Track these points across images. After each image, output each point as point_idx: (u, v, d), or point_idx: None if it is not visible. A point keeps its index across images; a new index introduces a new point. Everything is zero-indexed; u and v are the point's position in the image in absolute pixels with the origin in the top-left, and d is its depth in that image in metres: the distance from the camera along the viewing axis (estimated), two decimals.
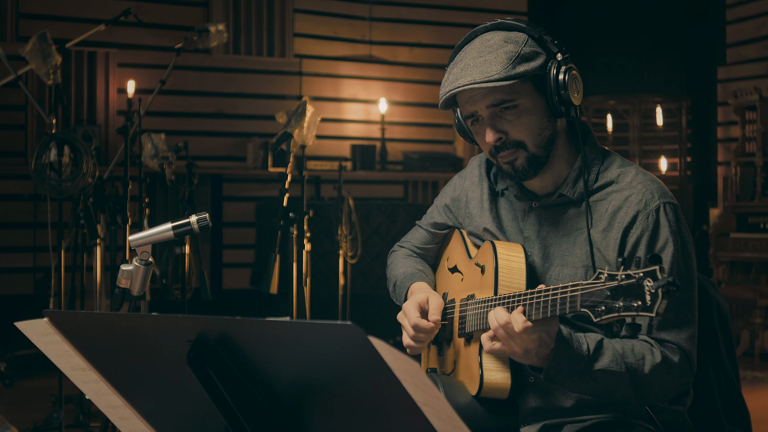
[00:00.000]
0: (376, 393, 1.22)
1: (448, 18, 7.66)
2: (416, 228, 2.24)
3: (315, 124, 4.39)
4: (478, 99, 1.81)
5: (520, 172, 1.84)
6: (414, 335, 1.95)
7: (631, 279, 1.46)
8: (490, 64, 1.77)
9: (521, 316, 1.63)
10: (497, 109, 1.81)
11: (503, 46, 1.80)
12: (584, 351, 1.70)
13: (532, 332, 1.63)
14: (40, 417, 4.16)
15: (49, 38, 4.06)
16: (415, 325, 1.93)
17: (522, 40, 1.81)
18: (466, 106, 1.85)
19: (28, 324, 1.40)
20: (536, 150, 1.83)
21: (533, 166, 1.84)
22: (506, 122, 1.81)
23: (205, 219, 1.76)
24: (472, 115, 1.85)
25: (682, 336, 1.77)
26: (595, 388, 1.73)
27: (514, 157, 1.83)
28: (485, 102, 1.81)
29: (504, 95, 1.79)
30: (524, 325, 1.62)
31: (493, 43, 1.81)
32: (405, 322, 1.98)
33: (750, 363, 6.00)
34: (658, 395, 1.77)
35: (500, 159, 1.85)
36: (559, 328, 1.67)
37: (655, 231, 1.79)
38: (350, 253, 5.73)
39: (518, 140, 1.82)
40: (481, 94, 1.80)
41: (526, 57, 1.79)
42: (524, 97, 1.81)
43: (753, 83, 6.68)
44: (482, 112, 1.83)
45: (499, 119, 1.82)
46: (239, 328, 1.27)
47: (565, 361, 1.68)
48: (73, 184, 3.99)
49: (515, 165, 1.84)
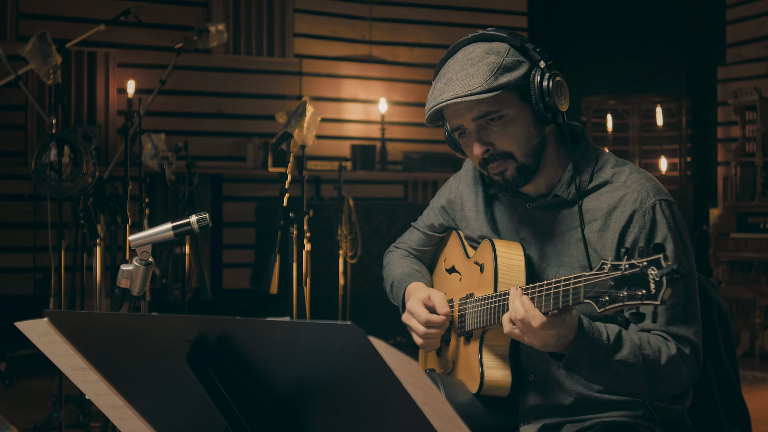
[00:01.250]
0: (376, 393, 1.22)
1: (448, 18, 7.66)
2: (412, 229, 2.23)
3: (315, 124, 4.39)
4: (463, 112, 1.82)
5: (511, 182, 1.85)
6: (425, 332, 1.95)
7: (635, 268, 1.46)
8: (473, 77, 1.77)
9: (537, 312, 1.63)
10: (483, 121, 1.81)
11: (485, 57, 1.79)
12: (604, 341, 1.70)
13: (551, 328, 1.63)
14: (40, 417, 4.16)
15: (49, 38, 4.06)
16: (427, 321, 1.94)
17: (504, 50, 1.81)
18: (452, 120, 1.86)
19: (28, 324, 1.40)
20: (525, 159, 1.83)
21: (523, 176, 1.84)
22: (492, 134, 1.82)
23: (205, 219, 1.76)
24: (459, 128, 1.85)
25: (691, 330, 1.78)
26: (611, 378, 1.73)
27: (504, 167, 1.83)
28: (470, 115, 1.81)
29: (489, 107, 1.80)
30: (541, 321, 1.62)
31: (474, 55, 1.81)
32: (413, 321, 1.97)
33: (750, 363, 6.00)
34: (670, 389, 1.78)
35: (490, 170, 1.86)
36: (580, 319, 1.67)
37: (652, 228, 1.79)
38: (350, 253, 5.73)
39: (506, 151, 1.82)
40: (465, 108, 1.81)
41: (508, 67, 1.79)
42: (509, 107, 1.81)
43: (753, 83, 6.68)
44: (468, 125, 1.83)
45: (485, 131, 1.82)
46: (239, 328, 1.27)
47: (586, 351, 1.68)
48: (73, 184, 3.99)
49: (505, 176, 1.84)
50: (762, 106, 6.43)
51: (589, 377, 1.75)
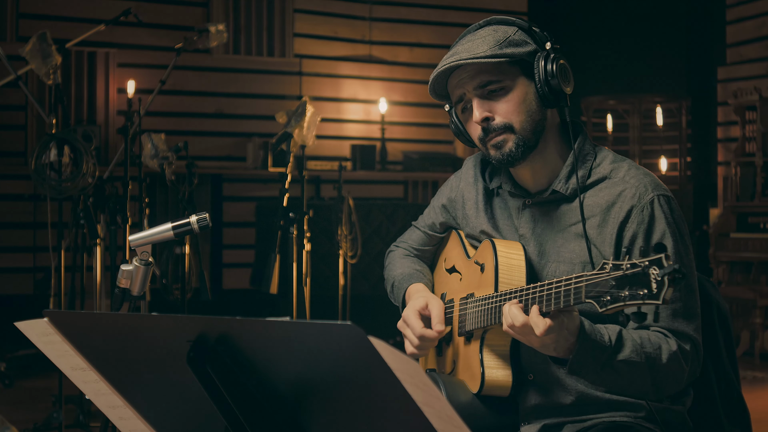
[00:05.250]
0: (376, 393, 1.22)
1: (448, 18, 7.67)
2: (413, 229, 2.23)
3: (315, 124, 4.39)
4: (466, 81, 1.84)
5: (508, 155, 1.84)
6: (419, 344, 1.95)
7: (637, 268, 1.46)
8: (478, 45, 1.82)
9: (541, 319, 1.61)
10: (485, 91, 1.83)
11: (493, 33, 1.84)
12: (606, 342, 1.69)
13: (551, 332, 1.62)
14: (40, 417, 4.16)
15: (49, 38, 4.06)
16: (421, 336, 1.93)
17: (512, 30, 1.86)
18: (455, 91, 1.88)
19: (28, 324, 1.40)
20: (524, 133, 1.83)
21: (522, 150, 1.83)
22: (493, 104, 1.83)
23: (205, 219, 1.76)
24: (461, 98, 1.87)
25: (691, 326, 1.78)
26: (615, 379, 1.73)
27: (502, 139, 1.84)
28: (472, 84, 1.83)
29: (491, 76, 1.82)
30: (545, 327, 1.60)
31: (483, 32, 1.86)
32: (408, 332, 1.97)
33: (750, 363, 6.00)
34: (672, 385, 1.77)
35: (488, 144, 1.86)
36: (581, 322, 1.67)
37: (650, 224, 1.79)
38: (350, 253, 5.73)
39: (505, 122, 1.83)
40: (468, 76, 1.83)
41: (514, 42, 1.83)
42: (511, 80, 1.83)
43: (753, 83, 6.68)
44: (470, 95, 1.85)
45: (485, 102, 1.84)
46: (239, 328, 1.27)
47: (589, 354, 1.67)
48: (73, 184, 3.99)
49: (503, 149, 1.84)
50: (762, 106, 6.43)
51: (595, 380, 1.75)
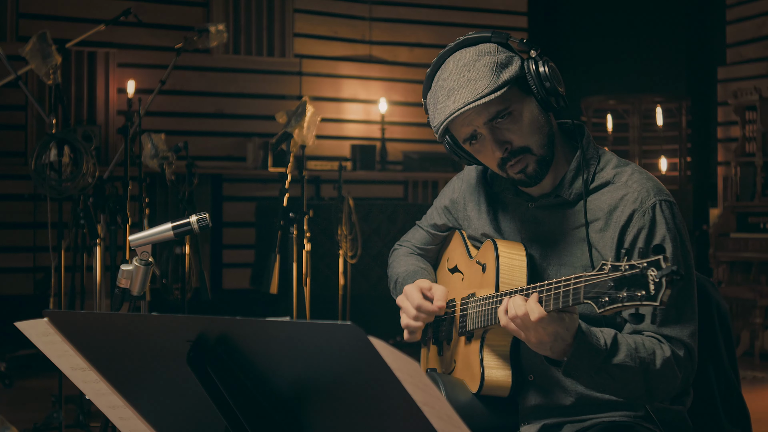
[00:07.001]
0: (376, 393, 1.22)
1: (448, 18, 7.66)
2: (416, 228, 2.24)
3: (315, 124, 4.39)
4: (473, 118, 1.80)
5: (533, 176, 1.83)
6: (416, 315, 1.95)
7: (635, 269, 1.46)
8: (476, 81, 1.77)
9: (537, 306, 1.62)
10: (494, 123, 1.81)
11: (479, 60, 1.79)
12: (602, 346, 1.70)
13: (549, 325, 1.63)
14: (40, 417, 4.16)
15: (49, 38, 4.06)
16: (419, 306, 1.94)
17: (493, 49, 1.81)
18: (462, 129, 1.84)
19: (28, 324, 1.40)
20: (542, 150, 1.83)
21: (543, 167, 1.84)
22: (506, 132, 1.81)
23: (205, 219, 1.76)
24: (472, 135, 1.84)
25: (685, 332, 1.77)
26: (609, 383, 1.73)
27: (524, 164, 1.82)
28: (482, 119, 1.80)
29: (498, 106, 1.79)
30: (540, 315, 1.62)
31: (467, 60, 1.80)
32: (406, 303, 1.98)
33: (750, 363, 6.00)
34: (665, 391, 1.77)
35: (510, 170, 1.84)
36: (579, 324, 1.67)
37: (651, 228, 1.79)
38: (350, 253, 5.73)
39: (523, 146, 1.82)
40: (475, 113, 1.79)
41: (503, 64, 1.79)
42: (515, 102, 1.81)
43: (753, 83, 6.68)
44: (481, 129, 1.82)
45: (499, 131, 1.81)
46: (239, 328, 1.27)
47: (585, 356, 1.68)
48: (73, 184, 3.99)
49: (527, 172, 1.83)
50: (762, 106, 6.43)
51: (588, 383, 1.75)
